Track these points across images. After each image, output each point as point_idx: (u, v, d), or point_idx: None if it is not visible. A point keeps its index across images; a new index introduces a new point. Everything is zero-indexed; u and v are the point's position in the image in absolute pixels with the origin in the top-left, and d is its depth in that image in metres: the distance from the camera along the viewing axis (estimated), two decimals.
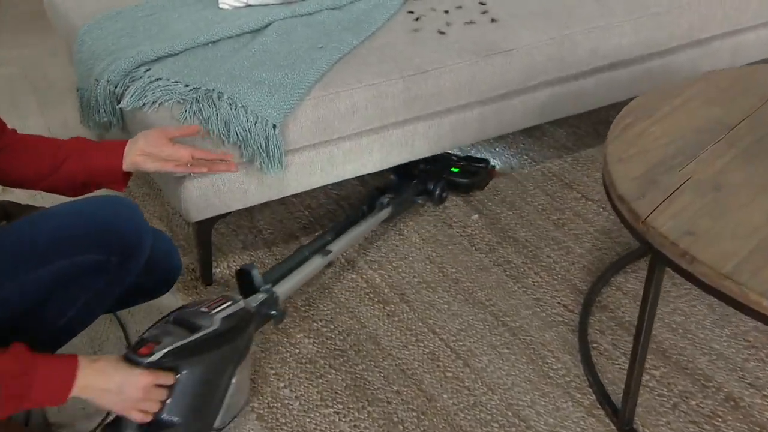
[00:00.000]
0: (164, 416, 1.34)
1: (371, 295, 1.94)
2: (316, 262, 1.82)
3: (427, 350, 1.79)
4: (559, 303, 1.91)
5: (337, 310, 1.90)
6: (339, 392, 1.69)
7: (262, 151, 1.79)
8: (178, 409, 1.35)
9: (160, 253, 1.51)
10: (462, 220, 2.19)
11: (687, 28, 2.30)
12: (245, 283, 1.67)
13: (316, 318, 1.88)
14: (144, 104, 1.77)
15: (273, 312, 1.62)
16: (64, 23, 2.26)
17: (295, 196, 2.30)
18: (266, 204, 2.26)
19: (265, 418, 1.63)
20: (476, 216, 2.21)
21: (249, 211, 2.23)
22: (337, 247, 1.88)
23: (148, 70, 1.84)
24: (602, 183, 1.55)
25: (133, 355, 1.33)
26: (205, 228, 1.91)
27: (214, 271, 2.01)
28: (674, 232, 1.33)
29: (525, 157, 2.47)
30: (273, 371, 1.74)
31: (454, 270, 2.02)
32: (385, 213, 2.06)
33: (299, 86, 1.83)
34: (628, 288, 1.95)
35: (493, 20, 2.15)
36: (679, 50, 2.36)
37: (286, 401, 1.67)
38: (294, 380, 1.72)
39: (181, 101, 1.76)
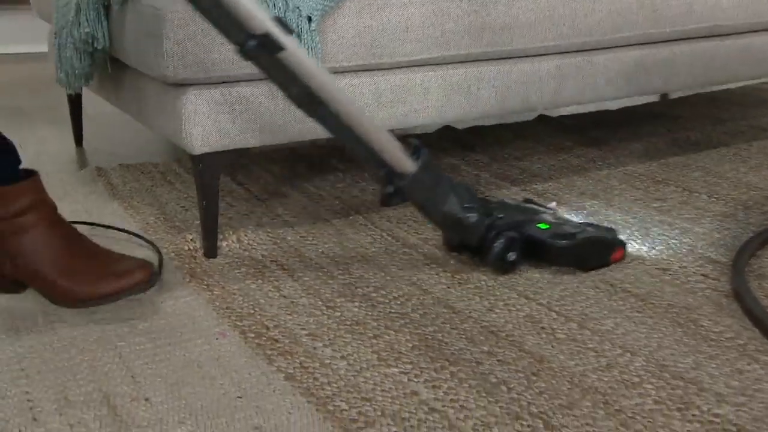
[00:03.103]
0: None
1: (432, 265, 1.42)
2: None
3: (522, 314, 1.25)
4: (694, 272, 1.40)
5: (389, 278, 1.37)
6: (404, 353, 1.14)
7: None
8: None
9: None
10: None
11: None
12: None
13: (360, 285, 1.35)
14: None
15: None
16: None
17: (322, 187, 1.82)
18: (284, 195, 1.77)
19: (297, 377, 1.07)
20: (554, 203, 1.72)
21: (260, 199, 1.74)
22: None
23: None
24: None
25: None
26: (210, 171, 1.42)
27: (220, 244, 1.49)
28: None
29: (599, 163, 2.01)
30: (305, 332, 1.19)
31: None
32: None
33: None
34: None
35: None
36: None
37: (328, 361, 1.11)
38: (337, 340, 1.17)
39: None
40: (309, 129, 1.46)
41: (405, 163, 1.28)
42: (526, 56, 1.67)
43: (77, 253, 1.20)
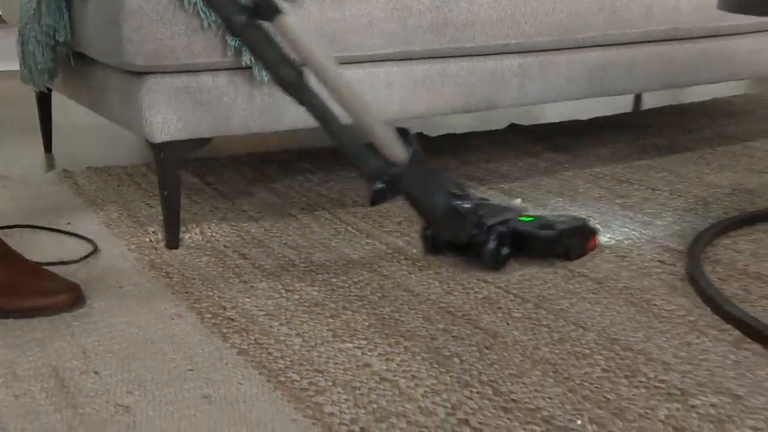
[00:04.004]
0: None
1: (395, 255, 1.43)
2: None
3: (480, 296, 1.26)
4: (651, 259, 1.41)
5: (350, 266, 1.38)
6: (359, 330, 1.14)
7: None
8: None
9: None
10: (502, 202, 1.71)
11: None
12: None
13: (321, 271, 1.35)
14: None
15: None
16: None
17: (290, 186, 1.83)
18: (251, 193, 1.78)
19: (251, 352, 1.08)
20: (520, 200, 1.74)
21: (227, 197, 1.75)
22: None
23: None
24: None
25: None
26: (171, 160, 1.42)
27: (182, 236, 1.49)
28: None
29: (566, 165, 2.03)
30: (263, 312, 1.20)
31: None
32: None
33: None
34: (740, 248, 1.46)
35: None
36: (742, 34, 2.02)
37: (283, 338, 1.12)
38: (294, 320, 1.17)
39: None
40: (270, 120, 1.47)
41: (399, 152, 1.20)
42: (489, 54, 1.69)
43: (4, 265, 1.19)
